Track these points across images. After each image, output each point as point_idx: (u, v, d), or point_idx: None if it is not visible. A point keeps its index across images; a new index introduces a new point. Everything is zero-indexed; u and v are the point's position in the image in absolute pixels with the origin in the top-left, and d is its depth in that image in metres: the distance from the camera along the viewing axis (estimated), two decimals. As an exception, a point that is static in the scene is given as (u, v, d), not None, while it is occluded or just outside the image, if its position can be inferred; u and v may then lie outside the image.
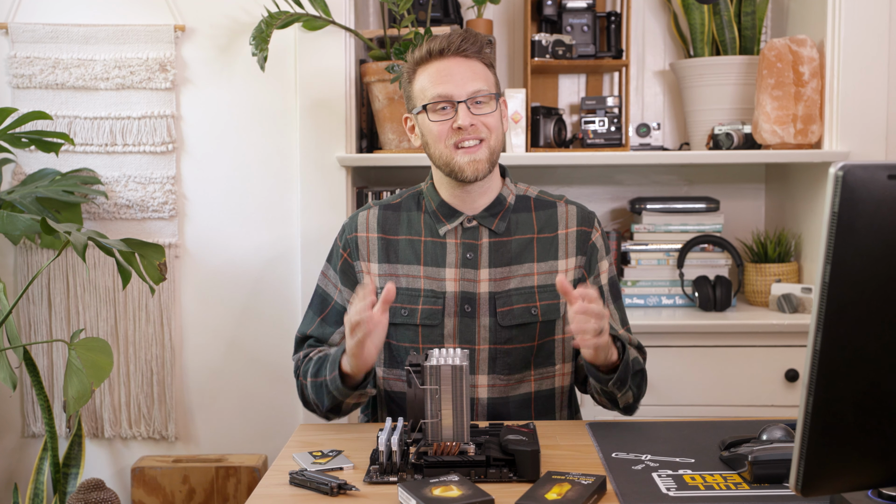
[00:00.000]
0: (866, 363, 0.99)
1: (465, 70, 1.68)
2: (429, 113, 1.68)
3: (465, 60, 1.68)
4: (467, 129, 1.66)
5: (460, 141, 1.67)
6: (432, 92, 1.67)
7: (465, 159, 1.67)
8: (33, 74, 2.60)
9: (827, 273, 0.94)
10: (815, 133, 2.54)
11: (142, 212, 2.64)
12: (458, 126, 1.65)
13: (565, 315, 1.74)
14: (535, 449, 1.32)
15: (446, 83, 1.67)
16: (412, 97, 1.73)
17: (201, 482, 2.58)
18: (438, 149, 1.69)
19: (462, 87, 1.66)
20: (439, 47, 1.68)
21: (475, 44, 1.69)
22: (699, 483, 1.29)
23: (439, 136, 1.68)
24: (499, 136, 1.71)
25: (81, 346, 2.11)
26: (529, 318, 1.72)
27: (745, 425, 1.53)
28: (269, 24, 2.37)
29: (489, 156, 1.69)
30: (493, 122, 1.69)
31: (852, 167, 0.93)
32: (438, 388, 1.34)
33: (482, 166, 1.68)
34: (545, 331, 1.74)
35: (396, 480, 1.32)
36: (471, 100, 1.67)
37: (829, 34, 2.50)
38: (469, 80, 1.67)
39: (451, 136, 1.67)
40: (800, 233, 2.74)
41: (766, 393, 2.47)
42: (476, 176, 1.68)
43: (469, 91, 1.67)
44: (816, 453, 0.98)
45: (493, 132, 1.69)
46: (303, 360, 1.74)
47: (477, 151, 1.67)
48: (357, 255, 1.78)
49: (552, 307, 1.73)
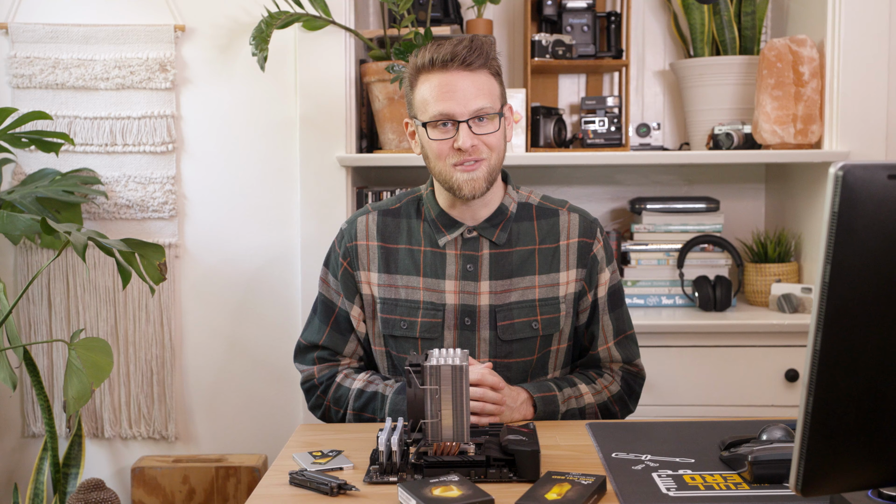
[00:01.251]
0: (866, 363, 0.98)
1: (468, 85, 1.62)
2: (429, 130, 1.65)
3: (469, 74, 1.63)
4: (468, 151, 1.63)
5: (460, 162, 1.64)
6: (434, 109, 1.63)
7: (464, 178, 1.64)
8: (33, 74, 2.60)
9: (827, 273, 0.94)
10: (815, 133, 2.54)
11: (142, 212, 2.64)
12: (458, 147, 1.62)
13: (563, 329, 1.75)
14: (535, 449, 1.32)
15: (448, 100, 1.62)
16: (413, 105, 1.69)
17: (201, 482, 2.58)
18: (438, 166, 1.67)
19: (464, 105, 1.62)
20: (443, 58, 1.62)
21: (481, 55, 1.63)
22: (699, 483, 1.28)
23: (439, 154, 1.65)
24: (500, 154, 1.68)
25: (81, 346, 2.11)
26: (530, 333, 1.71)
27: (745, 425, 1.52)
28: (269, 24, 2.37)
29: (487, 175, 1.66)
30: (494, 141, 1.66)
31: (852, 167, 0.92)
32: (438, 388, 1.34)
33: (479, 185, 1.65)
34: (544, 344, 1.73)
35: (396, 480, 1.31)
36: (473, 118, 1.63)
37: (829, 34, 2.50)
38: (472, 97, 1.62)
39: (451, 155, 1.64)
40: (800, 233, 2.74)
41: (766, 393, 2.46)
42: (474, 195, 1.66)
43: (471, 110, 1.62)
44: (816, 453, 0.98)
45: (493, 151, 1.66)
46: (324, 380, 1.76)
47: (475, 170, 1.64)
48: (357, 265, 1.76)
49: (552, 321, 1.72)
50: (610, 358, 1.77)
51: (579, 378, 1.74)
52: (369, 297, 1.75)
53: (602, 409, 1.72)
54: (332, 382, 1.75)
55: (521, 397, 1.64)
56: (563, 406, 1.67)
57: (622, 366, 1.78)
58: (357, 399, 1.71)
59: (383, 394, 1.68)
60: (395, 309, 1.73)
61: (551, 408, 1.66)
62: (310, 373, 1.77)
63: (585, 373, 1.77)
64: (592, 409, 1.71)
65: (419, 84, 1.66)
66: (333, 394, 1.74)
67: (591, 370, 1.78)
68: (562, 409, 1.67)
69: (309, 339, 1.80)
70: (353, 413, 1.71)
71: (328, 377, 1.76)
